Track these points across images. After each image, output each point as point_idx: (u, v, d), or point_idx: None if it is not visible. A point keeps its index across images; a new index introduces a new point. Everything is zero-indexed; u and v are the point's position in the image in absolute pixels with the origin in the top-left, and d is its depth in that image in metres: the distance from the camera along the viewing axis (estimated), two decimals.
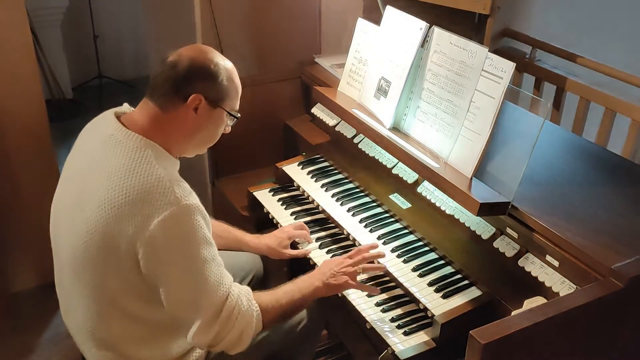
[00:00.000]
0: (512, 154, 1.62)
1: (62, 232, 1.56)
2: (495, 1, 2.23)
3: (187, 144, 1.58)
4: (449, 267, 1.77)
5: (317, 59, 2.73)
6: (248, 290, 1.57)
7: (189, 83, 1.49)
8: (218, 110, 1.56)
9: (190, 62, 1.50)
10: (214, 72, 1.52)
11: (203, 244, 1.45)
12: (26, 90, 2.54)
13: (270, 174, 2.41)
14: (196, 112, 1.52)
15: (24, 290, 2.83)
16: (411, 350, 1.57)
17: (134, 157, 1.44)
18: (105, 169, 1.45)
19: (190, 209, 1.42)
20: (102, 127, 1.55)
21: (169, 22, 3.25)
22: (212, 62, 1.53)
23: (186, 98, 1.49)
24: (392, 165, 2.06)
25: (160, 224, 1.38)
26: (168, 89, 1.49)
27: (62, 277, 1.61)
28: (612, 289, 1.35)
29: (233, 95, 1.59)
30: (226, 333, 1.49)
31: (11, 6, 2.40)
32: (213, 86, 1.53)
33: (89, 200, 1.45)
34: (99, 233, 1.43)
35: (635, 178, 1.81)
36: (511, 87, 1.65)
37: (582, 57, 2.43)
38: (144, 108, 1.54)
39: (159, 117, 1.51)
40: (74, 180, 1.55)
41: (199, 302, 1.46)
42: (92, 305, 1.51)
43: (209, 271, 1.46)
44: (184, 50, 1.54)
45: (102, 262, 1.45)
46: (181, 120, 1.52)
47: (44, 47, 4.41)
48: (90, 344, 1.58)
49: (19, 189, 2.66)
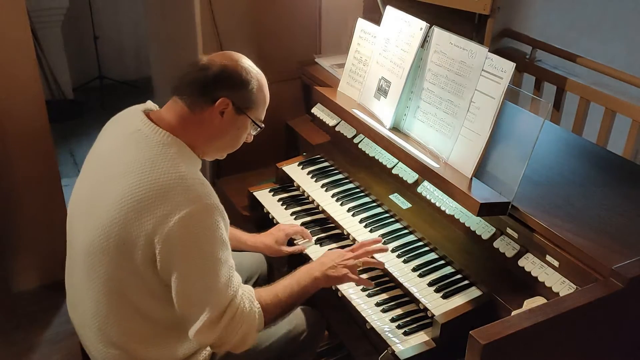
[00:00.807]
0: (512, 154, 1.62)
1: (79, 223, 1.56)
2: (495, 1, 2.23)
3: (210, 146, 1.59)
4: (449, 267, 1.77)
5: (317, 59, 2.73)
6: (251, 290, 1.57)
7: (218, 86, 1.52)
8: (243, 117, 1.58)
9: (222, 67, 1.53)
10: (245, 80, 1.55)
11: (220, 244, 1.45)
12: (26, 91, 2.54)
13: (271, 174, 2.41)
14: (222, 116, 1.54)
15: (26, 290, 2.83)
16: (411, 350, 1.58)
17: (159, 152, 1.45)
18: (128, 162, 1.46)
19: (211, 208, 1.43)
20: (128, 122, 1.56)
21: (169, 22, 3.26)
22: (245, 69, 1.55)
23: (214, 101, 1.52)
24: (392, 165, 2.06)
25: (180, 221, 1.38)
26: (196, 90, 1.52)
27: (74, 270, 1.60)
28: (612, 290, 1.36)
29: (260, 105, 1.61)
30: (228, 334, 1.49)
31: (11, 6, 2.40)
32: (242, 93, 1.55)
33: (109, 192, 1.46)
34: (117, 225, 1.43)
35: (635, 178, 1.81)
36: (511, 87, 1.65)
37: (582, 57, 2.43)
38: (172, 106, 1.55)
39: (186, 116, 1.53)
40: (95, 173, 1.55)
41: (206, 301, 1.46)
42: (103, 299, 1.51)
43: (221, 272, 1.46)
44: (216, 55, 1.57)
45: (117, 255, 1.45)
46: (207, 122, 1.53)
47: (45, 48, 4.41)
48: (97, 340, 1.58)
49: (20, 189, 2.66)
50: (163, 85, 3.74)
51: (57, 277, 2.00)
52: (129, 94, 4.97)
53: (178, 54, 3.22)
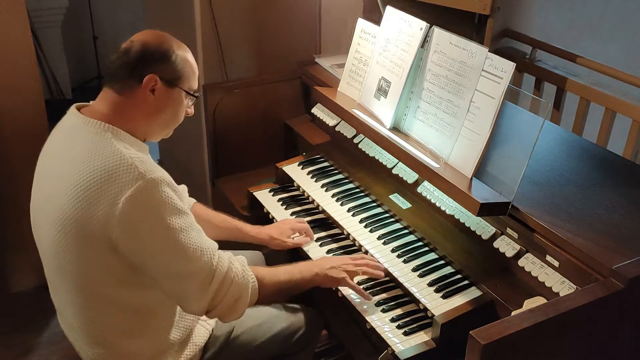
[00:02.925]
0: (512, 154, 1.62)
1: (41, 228, 1.56)
2: (495, 1, 2.23)
3: (150, 125, 1.58)
4: (449, 267, 1.77)
5: (317, 59, 2.72)
6: (243, 258, 1.58)
7: (143, 65, 1.51)
8: (176, 90, 1.56)
9: (142, 45, 1.52)
10: (166, 52, 1.53)
11: (175, 213, 1.44)
12: (26, 91, 2.54)
13: (271, 174, 2.40)
14: (153, 93, 1.52)
15: (24, 290, 2.83)
16: (411, 350, 1.57)
17: (94, 141, 1.45)
18: (69, 158, 1.46)
19: (157, 182, 1.42)
20: (65, 120, 1.57)
21: (169, 23, 3.25)
22: (165, 43, 1.54)
23: (142, 79, 1.50)
24: (392, 165, 2.06)
25: (129, 200, 1.38)
26: (123, 74, 1.51)
27: (50, 275, 1.61)
28: (613, 290, 1.35)
29: (190, 75, 1.59)
30: (221, 298, 1.50)
31: (11, 6, 2.40)
32: (167, 66, 1.53)
33: (57, 190, 1.46)
34: (71, 220, 1.43)
35: (635, 178, 1.81)
36: (511, 87, 1.65)
37: (582, 57, 2.43)
38: (103, 97, 1.55)
39: (117, 102, 1.52)
40: (44, 176, 1.56)
41: (184, 271, 1.46)
42: (77, 298, 1.52)
43: (186, 238, 1.45)
44: (136, 35, 1.56)
45: (78, 249, 1.45)
46: (140, 102, 1.52)
47: (44, 48, 4.41)
48: (82, 342, 1.58)
49: (19, 189, 2.66)
50: None
51: None
52: None
53: None
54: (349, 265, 1.73)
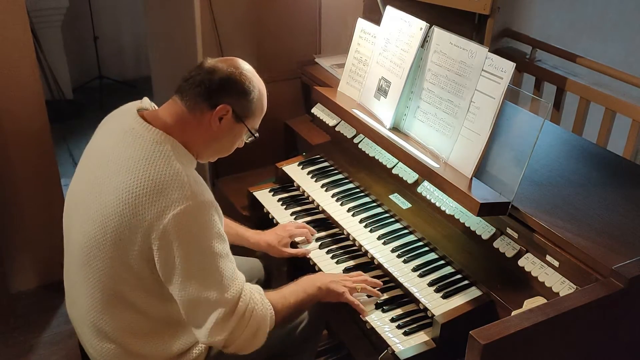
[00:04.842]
0: (512, 154, 1.62)
1: (76, 219, 1.56)
2: (495, 1, 2.23)
3: (205, 149, 1.60)
4: (449, 267, 1.77)
5: (317, 59, 2.73)
6: (259, 288, 1.59)
7: (222, 93, 1.52)
8: (240, 125, 1.59)
9: (228, 74, 1.53)
10: (247, 89, 1.56)
11: (217, 239, 1.46)
12: (26, 91, 2.54)
13: (271, 174, 2.41)
14: (220, 122, 1.54)
15: (24, 290, 2.83)
16: (411, 350, 1.57)
17: (153, 150, 1.46)
18: (123, 160, 1.47)
19: (206, 205, 1.44)
20: (122, 120, 1.57)
21: (169, 22, 3.26)
22: (248, 79, 1.56)
23: (215, 106, 1.52)
24: (392, 165, 2.06)
25: (175, 217, 1.39)
26: (200, 93, 1.52)
27: (71, 265, 1.61)
28: (613, 290, 1.35)
29: (258, 115, 1.63)
30: (242, 330, 1.49)
31: (11, 6, 2.40)
32: (243, 102, 1.56)
33: (106, 189, 1.47)
34: (114, 221, 1.44)
35: (635, 178, 1.81)
36: (511, 87, 1.65)
37: (582, 57, 2.43)
38: (171, 105, 1.56)
39: (184, 117, 1.53)
40: (91, 169, 1.56)
41: (214, 298, 1.45)
42: (98, 294, 1.52)
43: (223, 266, 1.47)
44: (222, 60, 1.58)
45: (113, 251, 1.46)
46: (204, 125, 1.54)
47: (44, 48, 4.41)
48: (92, 335, 1.58)
49: (19, 189, 2.67)
50: (163, 85, 3.74)
51: (56, 277, 2.00)
52: (128, 94, 4.93)
53: (178, 54, 3.22)
54: (347, 282, 1.75)
